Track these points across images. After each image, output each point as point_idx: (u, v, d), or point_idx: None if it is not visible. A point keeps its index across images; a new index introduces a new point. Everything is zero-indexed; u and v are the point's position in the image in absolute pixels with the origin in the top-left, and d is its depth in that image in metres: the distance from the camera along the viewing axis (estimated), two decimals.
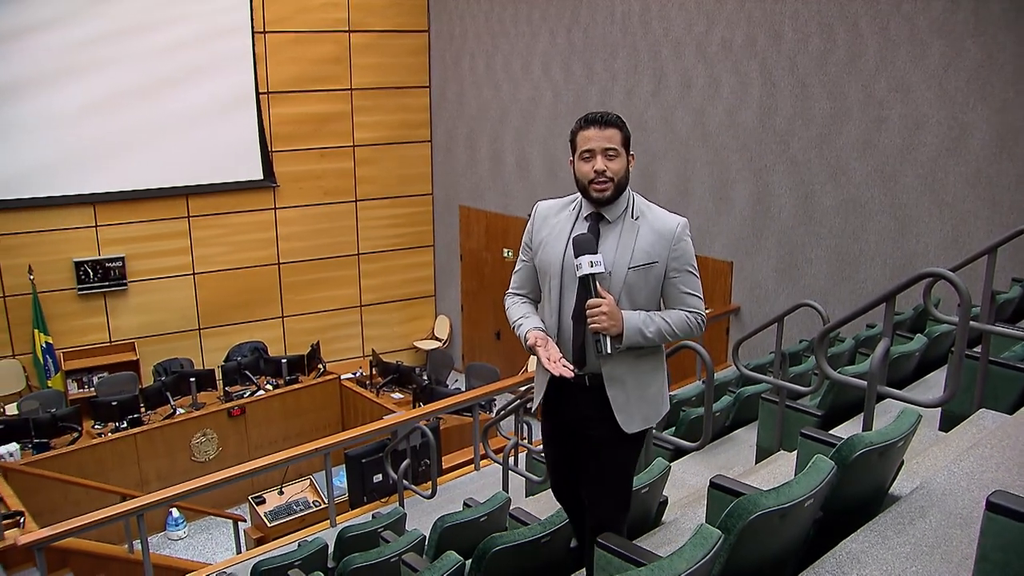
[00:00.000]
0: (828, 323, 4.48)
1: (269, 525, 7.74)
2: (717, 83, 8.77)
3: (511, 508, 4.34)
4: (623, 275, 2.85)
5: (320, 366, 11.10)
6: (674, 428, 5.70)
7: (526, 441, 6.77)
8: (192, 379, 10.07)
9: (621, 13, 9.76)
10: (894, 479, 3.19)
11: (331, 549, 4.91)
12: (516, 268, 3.16)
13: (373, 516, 5.76)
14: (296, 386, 10.67)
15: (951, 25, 6.83)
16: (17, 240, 10.88)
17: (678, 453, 5.47)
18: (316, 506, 7.96)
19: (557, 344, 2.92)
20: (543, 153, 11.18)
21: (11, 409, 10.37)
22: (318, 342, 11.49)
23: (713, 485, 3.22)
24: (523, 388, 7.06)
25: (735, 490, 3.08)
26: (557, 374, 2.78)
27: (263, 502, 8.01)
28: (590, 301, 2.77)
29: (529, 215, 3.13)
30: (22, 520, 7.00)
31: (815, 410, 4.77)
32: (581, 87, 10.48)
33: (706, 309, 9.73)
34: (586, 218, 2.93)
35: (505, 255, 12.08)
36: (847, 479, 2.75)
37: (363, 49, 12.53)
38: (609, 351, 2.80)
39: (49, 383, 10.83)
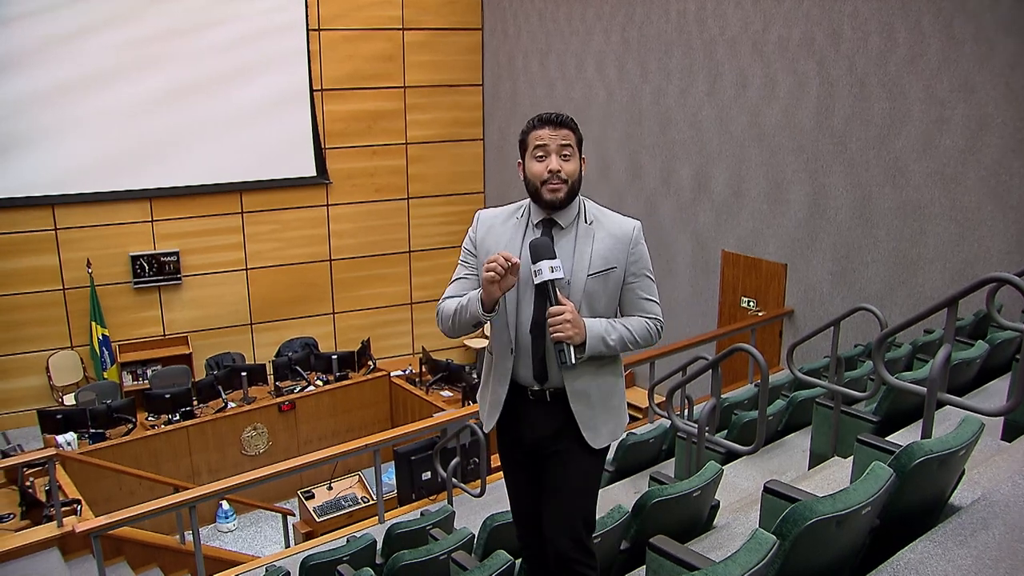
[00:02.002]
0: (886, 328, 4.37)
1: (318, 520, 7.81)
2: (773, 82, 8.64)
3: None
4: (582, 283, 2.72)
5: (370, 363, 11.17)
6: (727, 431, 5.62)
7: None
8: (243, 373, 10.21)
9: (676, 11, 9.67)
10: (954, 489, 3.10)
11: (379, 546, 4.93)
12: (454, 278, 2.96)
13: (422, 513, 5.77)
14: (346, 382, 10.76)
15: (1021, 23, 6.63)
16: (76, 234, 11.14)
17: (730, 456, 5.41)
18: (365, 502, 8.01)
19: (515, 360, 2.78)
20: (595, 153, 11.11)
21: (69, 399, 10.63)
22: (368, 339, 11.57)
23: (767, 490, 3.16)
24: None
25: (790, 495, 3.03)
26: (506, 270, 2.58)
27: (312, 497, 8.09)
28: (552, 309, 2.62)
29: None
30: (79, 508, 7.15)
31: (871, 416, 4.66)
32: (635, 86, 10.40)
33: (758, 311, 9.51)
34: (537, 225, 2.78)
35: None
36: (906, 487, 2.67)
37: (416, 47, 12.60)
38: (573, 361, 2.64)
39: (105, 375, 11.08)
